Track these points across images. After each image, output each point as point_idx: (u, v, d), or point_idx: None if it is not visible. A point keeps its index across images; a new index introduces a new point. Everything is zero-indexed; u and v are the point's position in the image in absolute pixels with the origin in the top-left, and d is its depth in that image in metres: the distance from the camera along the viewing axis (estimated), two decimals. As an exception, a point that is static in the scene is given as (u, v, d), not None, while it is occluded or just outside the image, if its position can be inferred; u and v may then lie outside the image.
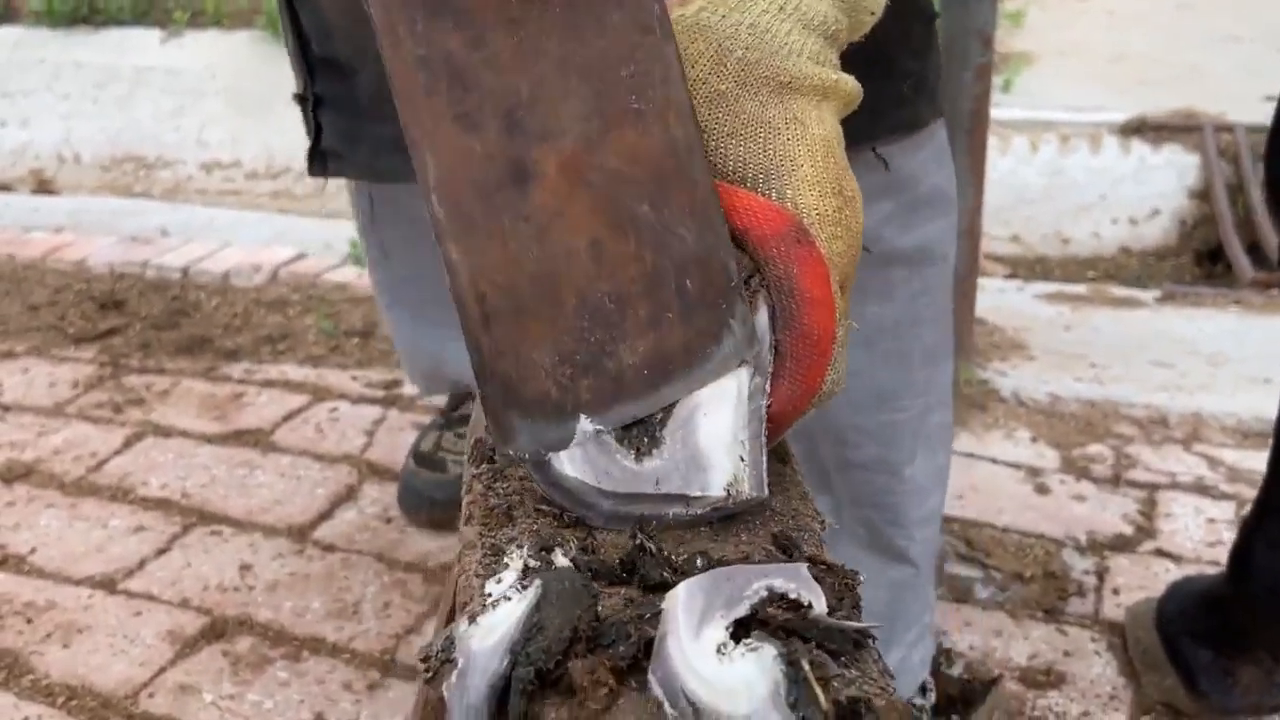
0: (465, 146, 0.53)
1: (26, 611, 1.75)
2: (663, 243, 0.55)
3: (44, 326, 2.75)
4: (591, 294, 0.55)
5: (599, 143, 0.54)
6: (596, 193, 0.54)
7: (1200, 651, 1.47)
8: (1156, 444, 2.16)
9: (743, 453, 0.56)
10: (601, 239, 0.55)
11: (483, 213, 0.53)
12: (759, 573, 0.47)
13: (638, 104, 0.55)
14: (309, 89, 1.28)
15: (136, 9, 5.24)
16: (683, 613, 0.45)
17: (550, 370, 0.55)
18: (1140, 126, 4.11)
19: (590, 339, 0.55)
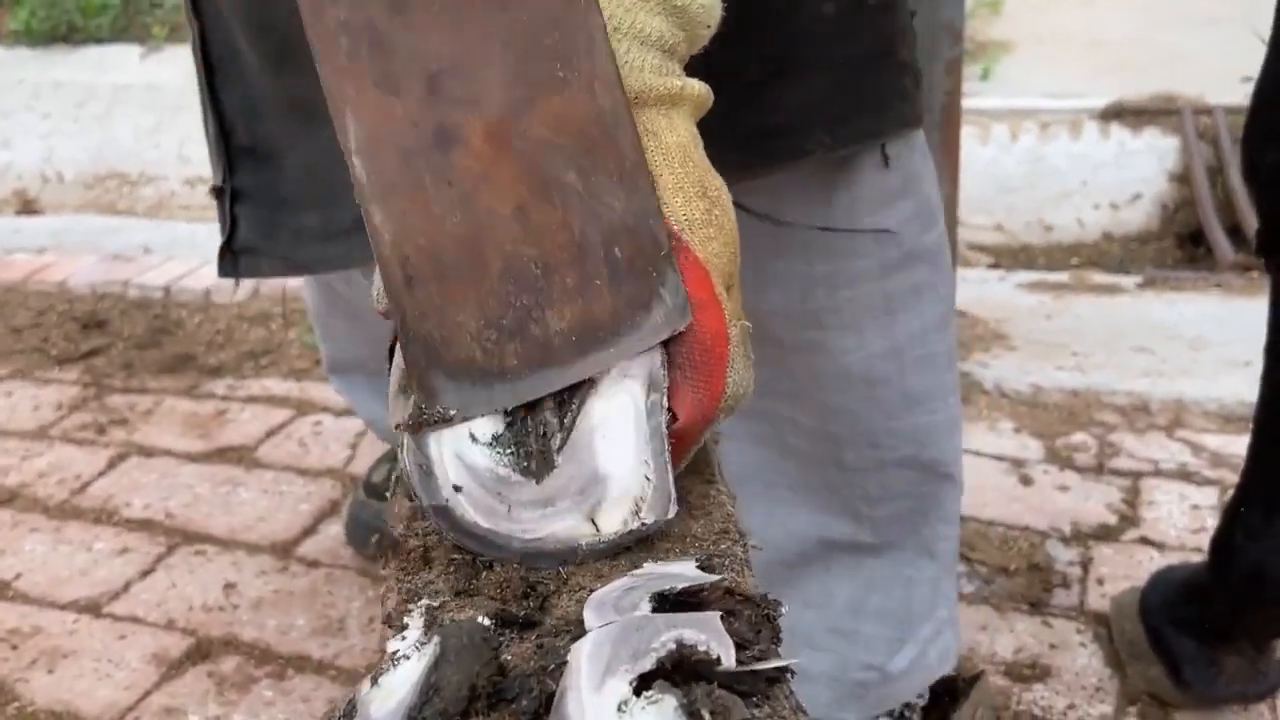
0: (387, 110, 0.53)
1: (11, 638, 1.74)
2: (590, 210, 0.55)
3: (27, 349, 2.74)
4: (517, 259, 0.55)
5: (524, 110, 0.54)
6: (522, 159, 0.54)
7: (1184, 641, 1.47)
8: (1139, 431, 2.17)
9: (647, 472, 0.55)
10: (527, 205, 0.54)
11: (405, 176, 0.53)
12: (669, 623, 0.46)
13: (562, 72, 0.55)
14: (227, 181, 1.26)
15: (115, 26, 5.23)
16: (586, 666, 0.44)
17: (475, 334, 0.55)
18: (1119, 111, 4.11)
19: (516, 303, 0.55)
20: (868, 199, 1.11)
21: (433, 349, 0.54)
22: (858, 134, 1.06)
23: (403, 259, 0.54)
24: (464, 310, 0.54)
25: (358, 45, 0.52)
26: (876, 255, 1.13)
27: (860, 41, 1.03)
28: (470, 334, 0.55)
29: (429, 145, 0.53)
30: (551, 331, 0.55)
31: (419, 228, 0.54)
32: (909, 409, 1.20)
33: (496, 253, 0.54)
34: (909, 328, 1.17)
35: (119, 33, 5.23)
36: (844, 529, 1.27)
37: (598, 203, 0.55)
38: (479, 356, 0.55)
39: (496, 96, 0.54)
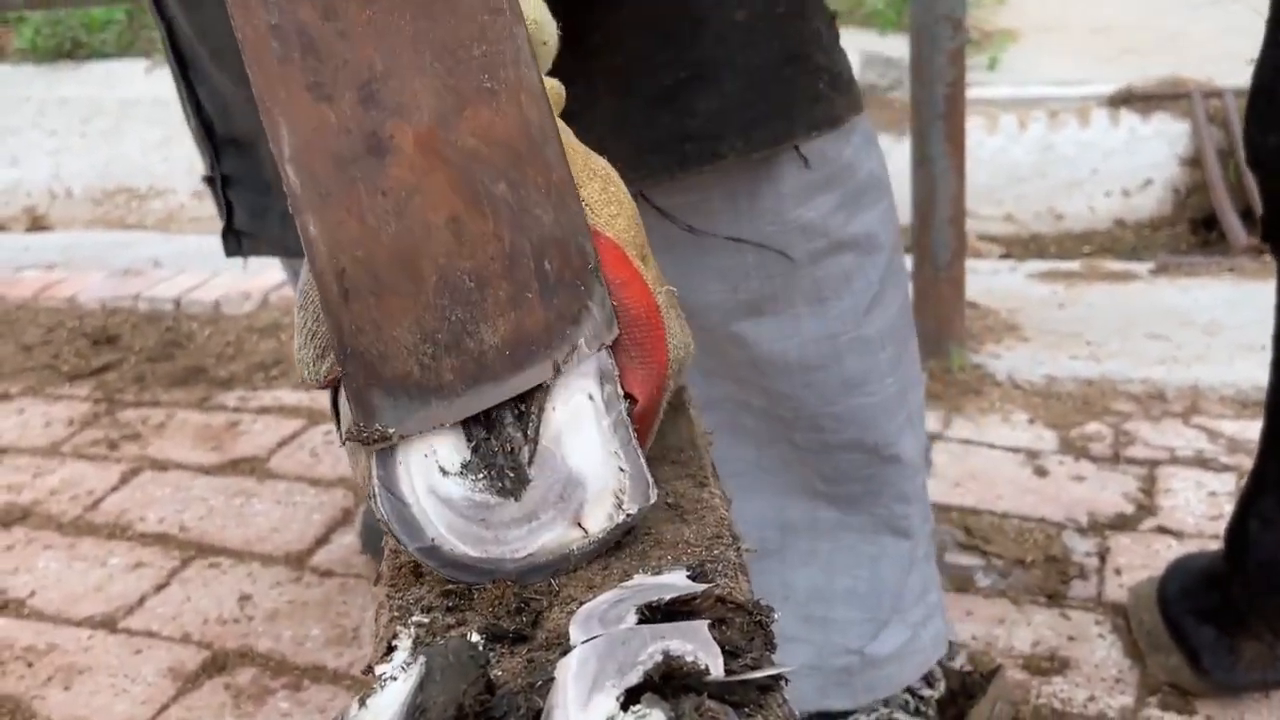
0: (320, 117, 0.52)
1: (27, 655, 1.75)
2: (520, 223, 0.55)
3: (38, 366, 2.75)
4: (451, 272, 0.54)
5: (454, 120, 0.54)
6: (454, 170, 0.54)
7: (1203, 629, 1.45)
8: (1155, 419, 2.15)
9: (619, 464, 0.56)
10: (460, 216, 0.54)
11: (339, 185, 0.52)
12: (655, 634, 0.45)
13: (490, 83, 0.55)
14: (215, 169, 1.28)
15: (120, 41, 5.25)
16: (573, 682, 0.43)
17: (412, 348, 0.54)
18: (1128, 97, 4.09)
19: (451, 317, 0.54)
20: (791, 194, 1.14)
21: (370, 365, 0.54)
22: (769, 138, 1.09)
23: (339, 271, 0.53)
24: (400, 324, 0.54)
25: (289, 50, 0.52)
26: (804, 246, 1.16)
27: (770, 47, 1.06)
28: (407, 349, 0.54)
29: (362, 153, 0.53)
30: (486, 345, 0.55)
31: (355, 239, 0.53)
32: (847, 393, 1.22)
33: (431, 265, 0.54)
34: (841, 313, 1.19)
35: (124, 48, 5.24)
36: (802, 508, 1.29)
37: (527, 215, 0.55)
38: (416, 372, 0.54)
39: (427, 105, 0.54)
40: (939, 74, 2.12)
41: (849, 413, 1.22)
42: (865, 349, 1.22)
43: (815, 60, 1.09)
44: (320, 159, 0.52)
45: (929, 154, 2.21)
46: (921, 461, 1.31)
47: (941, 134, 2.17)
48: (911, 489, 1.30)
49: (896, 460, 1.27)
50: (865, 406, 1.23)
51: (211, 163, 1.29)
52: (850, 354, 1.21)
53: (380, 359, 0.54)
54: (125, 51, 5.23)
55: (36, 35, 5.29)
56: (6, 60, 5.42)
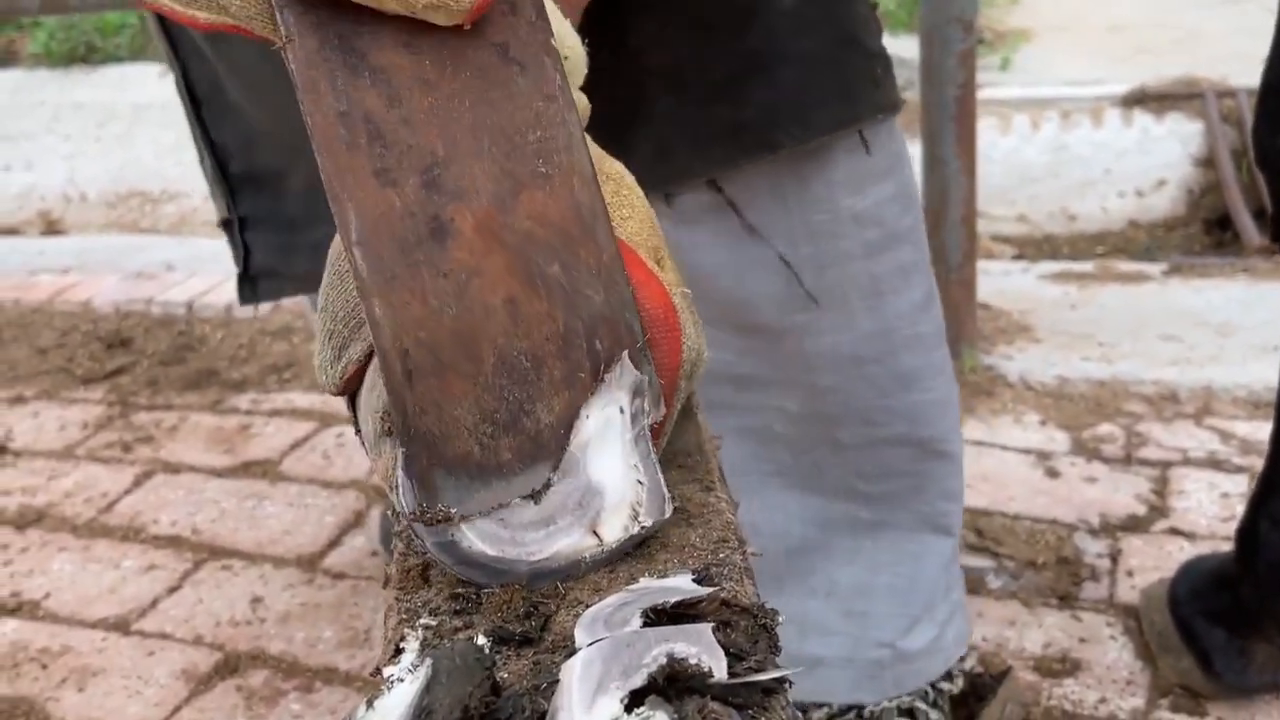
0: (386, 201, 0.53)
1: (41, 657, 1.75)
2: (573, 303, 0.56)
3: (52, 369, 2.76)
4: (509, 352, 0.55)
5: (510, 203, 0.55)
6: (510, 252, 0.55)
7: (1214, 631, 1.45)
8: (1167, 420, 2.15)
9: (638, 477, 0.57)
10: (516, 297, 0.55)
11: (404, 268, 0.54)
12: (660, 637, 0.46)
13: (544, 168, 0.56)
14: (233, 211, 1.28)
15: (133, 46, 5.27)
16: (578, 684, 0.44)
17: (472, 428, 0.55)
18: (1142, 97, 4.08)
19: (509, 397, 0.55)
20: (845, 183, 1.13)
21: (433, 446, 0.54)
22: (830, 123, 1.09)
23: (403, 352, 0.54)
24: (461, 405, 0.55)
25: (357, 136, 0.53)
26: (858, 237, 1.15)
27: (822, 33, 1.06)
28: (468, 429, 0.55)
29: (426, 236, 0.54)
30: (542, 424, 0.56)
31: (419, 320, 0.54)
32: (904, 388, 1.22)
33: (490, 346, 0.55)
34: (897, 308, 1.19)
35: (137, 52, 5.26)
36: (841, 509, 1.29)
37: (579, 296, 0.56)
38: (476, 452, 0.55)
39: (486, 189, 0.55)
40: (950, 76, 2.12)
41: (903, 408, 1.22)
42: (920, 345, 1.21)
43: (868, 45, 1.10)
44: (386, 242, 0.53)
45: (940, 155, 2.21)
46: (962, 461, 1.31)
47: (952, 135, 2.17)
48: (956, 487, 1.30)
49: (947, 456, 1.27)
50: (920, 403, 1.23)
51: (227, 205, 1.29)
52: (906, 350, 1.21)
53: (442, 439, 0.54)
54: (139, 56, 5.25)
55: (51, 40, 5.32)
56: (21, 65, 5.45)
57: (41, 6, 2.65)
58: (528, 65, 0.56)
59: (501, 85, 0.56)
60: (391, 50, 0.54)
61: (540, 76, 0.56)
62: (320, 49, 0.53)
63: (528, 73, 0.56)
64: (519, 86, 0.56)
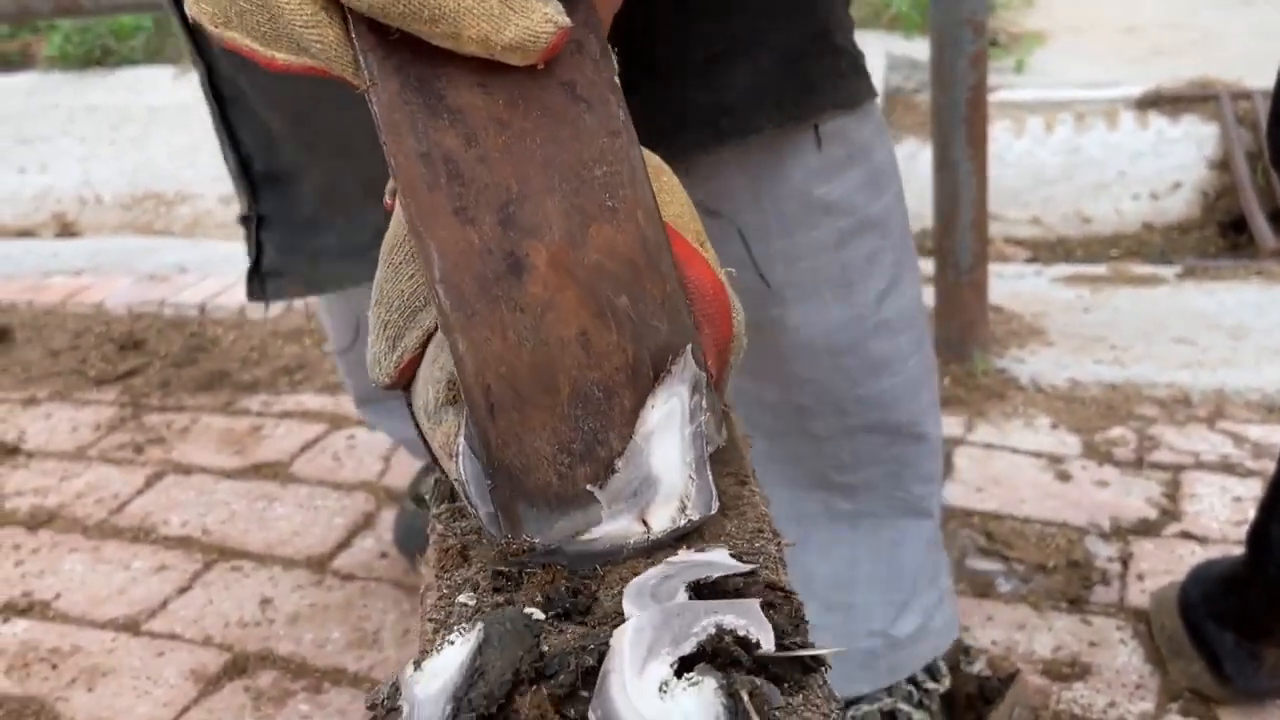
0: (465, 239, 0.55)
1: (52, 657, 1.76)
2: (640, 334, 0.58)
3: (65, 371, 2.77)
4: (583, 383, 0.57)
5: (581, 238, 0.57)
6: (582, 286, 0.57)
7: (1224, 635, 1.44)
8: (1180, 424, 2.13)
9: (690, 472, 0.58)
10: (588, 330, 0.57)
11: (484, 304, 0.56)
12: (709, 609, 0.48)
13: (611, 202, 0.58)
14: (253, 208, 1.30)
15: (148, 49, 5.29)
16: (629, 649, 0.46)
17: (551, 459, 0.57)
18: (1156, 99, 4.06)
19: (584, 427, 0.57)
20: (816, 171, 1.15)
21: (515, 477, 0.56)
22: (802, 112, 1.11)
23: (485, 388, 0.56)
24: (540, 436, 0.57)
25: (437, 176, 0.55)
26: (830, 226, 1.17)
27: (799, 25, 1.09)
28: (547, 459, 0.57)
29: (503, 273, 0.56)
30: (615, 452, 0.58)
31: (499, 355, 0.56)
32: (875, 374, 1.23)
33: (565, 378, 0.57)
34: (867, 295, 1.21)
35: (152, 55, 5.29)
36: (818, 500, 1.30)
37: (646, 326, 0.58)
38: (555, 482, 0.57)
39: (558, 225, 0.57)
40: (960, 78, 2.11)
41: (874, 395, 1.24)
42: (888, 332, 1.23)
43: (837, 41, 1.12)
44: (467, 279, 0.56)
45: (951, 158, 2.20)
46: (940, 443, 1.33)
47: (963, 138, 2.17)
48: (933, 469, 1.31)
49: (922, 439, 1.28)
50: (891, 388, 1.24)
51: (249, 202, 1.30)
52: (874, 337, 1.22)
53: (523, 471, 0.57)
54: (153, 59, 5.28)
55: (66, 43, 5.34)
56: (36, 68, 5.47)
57: (55, 9, 2.66)
58: (594, 103, 0.58)
59: (570, 123, 0.58)
60: (467, 91, 0.56)
61: (605, 113, 0.59)
62: (401, 91, 0.55)
63: (594, 110, 0.58)
64: (586, 124, 0.58)
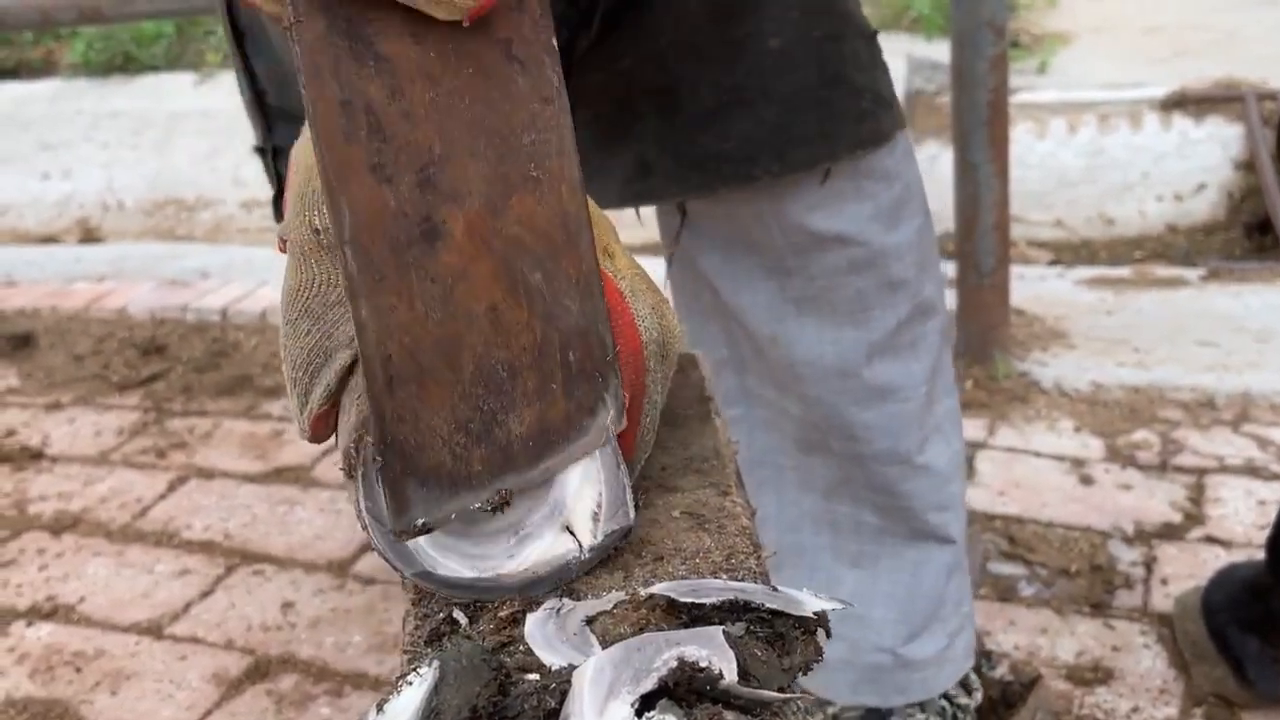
0: (380, 199, 0.52)
1: (76, 661, 1.77)
2: (552, 313, 0.56)
3: (88, 376, 2.79)
4: (487, 361, 0.55)
5: (501, 207, 0.54)
6: (497, 257, 0.54)
7: (1248, 640, 1.43)
8: (1204, 427, 2.12)
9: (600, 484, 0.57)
10: (499, 305, 0.54)
11: (393, 270, 0.53)
12: (669, 641, 0.46)
13: (536, 172, 0.55)
14: (268, 140, 1.30)
15: (170, 55, 5.32)
16: (589, 690, 0.44)
17: (447, 438, 0.54)
18: (1181, 100, 4.03)
19: (484, 407, 0.55)
20: (818, 207, 1.15)
21: (408, 455, 0.54)
22: (806, 159, 1.11)
23: (385, 358, 0.53)
24: (438, 414, 0.54)
25: (356, 127, 0.52)
26: (841, 253, 1.17)
27: (806, 72, 1.09)
28: (442, 438, 0.54)
29: (417, 238, 0.53)
30: (512, 435, 0.55)
31: (404, 324, 0.53)
32: (882, 399, 1.23)
33: (470, 354, 0.54)
34: (884, 323, 1.21)
35: (173, 61, 5.31)
36: (846, 512, 1.31)
37: (558, 305, 0.56)
38: (449, 462, 0.54)
39: (479, 191, 0.54)
40: (981, 80, 2.10)
41: (880, 420, 1.24)
42: (900, 358, 1.23)
43: (855, 80, 1.11)
44: (378, 242, 0.52)
45: (972, 161, 2.19)
46: (953, 469, 1.31)
47: (984, 141, 2.16)
48: (945, 497, 1.30)
49: (927, 471, 1.27)
50: (898, 414, 1.24)
51: (264, 134, 1.31)
52: (886, 363, 1.22)
53: (417, 449, 0.54)
54: (174, 65, 5.30)
55: (88, 49, 5.37)
56: (59, 74, 5.51)
57: (77, 16, 2.67)
58: (529, 65, 0.55)
59: (502, 84, 0.55)
60: (398, 39, 0.53)
61: (540, 78, 0.55)
62: (327, 32, 0.52)
63: (528, 72, 0.55)
64: (518, 86, 0.55)
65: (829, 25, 1.10)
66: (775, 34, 1.07)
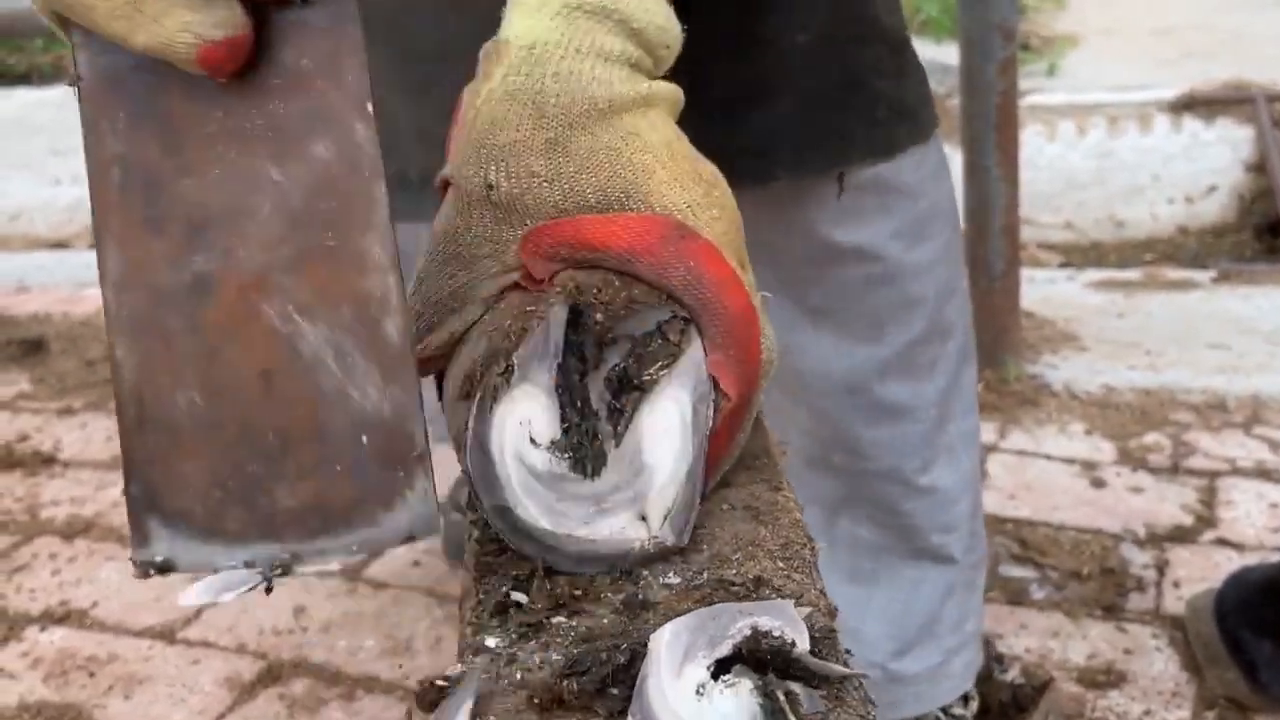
0: (148, 247, 0.53)
1: (89, 665, 1.77)
2: (342, 392, 0.53)
3: (100, 381, 2.79)
4: (255, 425, 0.53)
5: (286, 274, 0.53)
6: (274, 324, 0.53)
7: (1261, 643, 1.43)
8: (1215, 429, 2.12)
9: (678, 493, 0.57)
10: (274, 372, 0.53)
11: (154, 317, 0.53)
12: (743, 611, 0.48)
13: (332, 241, 0.53)
14: None
15: (181, 59, 5.33)
16: (666, 653, 0.46)
17: (199, 489, 0.53)
18: (1190, 102, 4.03)
19: (246, 469, 0.53)
20: (839, 217, 1.14)
21: (153, 494, 0.53)
22: (821, 161, 1.10)
23: (138, 399, 0.53)
24: (191, 464, 0.53)
25: (130, 180, 0.53)
26: (859, 269, 1.16)
27: (828, 71, 1.08)
28: (194, 488, 0.53)
29: (182, 291, 0.53)
30: (279, 506, 0.54)
31: (161, 372, 0.53)
32: (892, 419, 1.22)
33: (234, 415, 0.53)
34: (897, 341, 1.19)
35: (187, 66, 5.33)
36: (846, 525, 1.30)
37: (352, 385, 0.53)
38: (199, 512, 0.53)
39: (256, 255, 0.53)
40: (990, 84, 2.10)
41: (890, 439, 1.23)
42: (913, 378, 1.21)
43: (874, 86, 1.10)
44: (141, 288, 0.53)
45: (982, 164, 2.20)
46: (961, 489, 1.30)
47: (994, 143, 2.16)
48: (950, 518, 1.29)
49: (931, 492, 1.26)
50: (904, 434, 1.23)
51: None
52: (897, 381, 1.21)
53: (165, 491, 0.53)
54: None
55: (101, 55, 5.39)
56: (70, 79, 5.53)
57: (90, 23, 2.68)
58: (333, 127, 0.53)
59: (297, 147, 0.53)
60: (181, 97, 0.53)
61: (348, 143, 0.53)
62: (108, 91, 0.52)
63: (331, 135, 0.53)
64: (317, 151, 0.53)
65: (855, 29, 1.09)
66: (804, 29, 1.06)
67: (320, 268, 0.53)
